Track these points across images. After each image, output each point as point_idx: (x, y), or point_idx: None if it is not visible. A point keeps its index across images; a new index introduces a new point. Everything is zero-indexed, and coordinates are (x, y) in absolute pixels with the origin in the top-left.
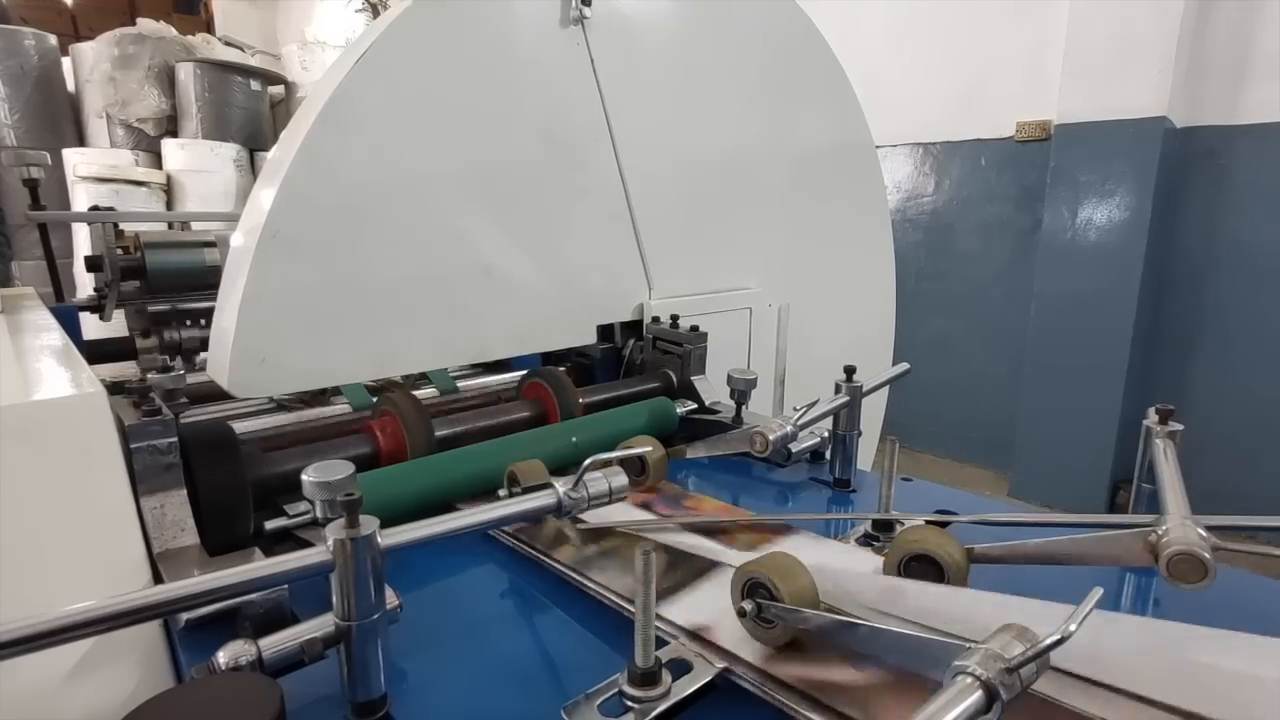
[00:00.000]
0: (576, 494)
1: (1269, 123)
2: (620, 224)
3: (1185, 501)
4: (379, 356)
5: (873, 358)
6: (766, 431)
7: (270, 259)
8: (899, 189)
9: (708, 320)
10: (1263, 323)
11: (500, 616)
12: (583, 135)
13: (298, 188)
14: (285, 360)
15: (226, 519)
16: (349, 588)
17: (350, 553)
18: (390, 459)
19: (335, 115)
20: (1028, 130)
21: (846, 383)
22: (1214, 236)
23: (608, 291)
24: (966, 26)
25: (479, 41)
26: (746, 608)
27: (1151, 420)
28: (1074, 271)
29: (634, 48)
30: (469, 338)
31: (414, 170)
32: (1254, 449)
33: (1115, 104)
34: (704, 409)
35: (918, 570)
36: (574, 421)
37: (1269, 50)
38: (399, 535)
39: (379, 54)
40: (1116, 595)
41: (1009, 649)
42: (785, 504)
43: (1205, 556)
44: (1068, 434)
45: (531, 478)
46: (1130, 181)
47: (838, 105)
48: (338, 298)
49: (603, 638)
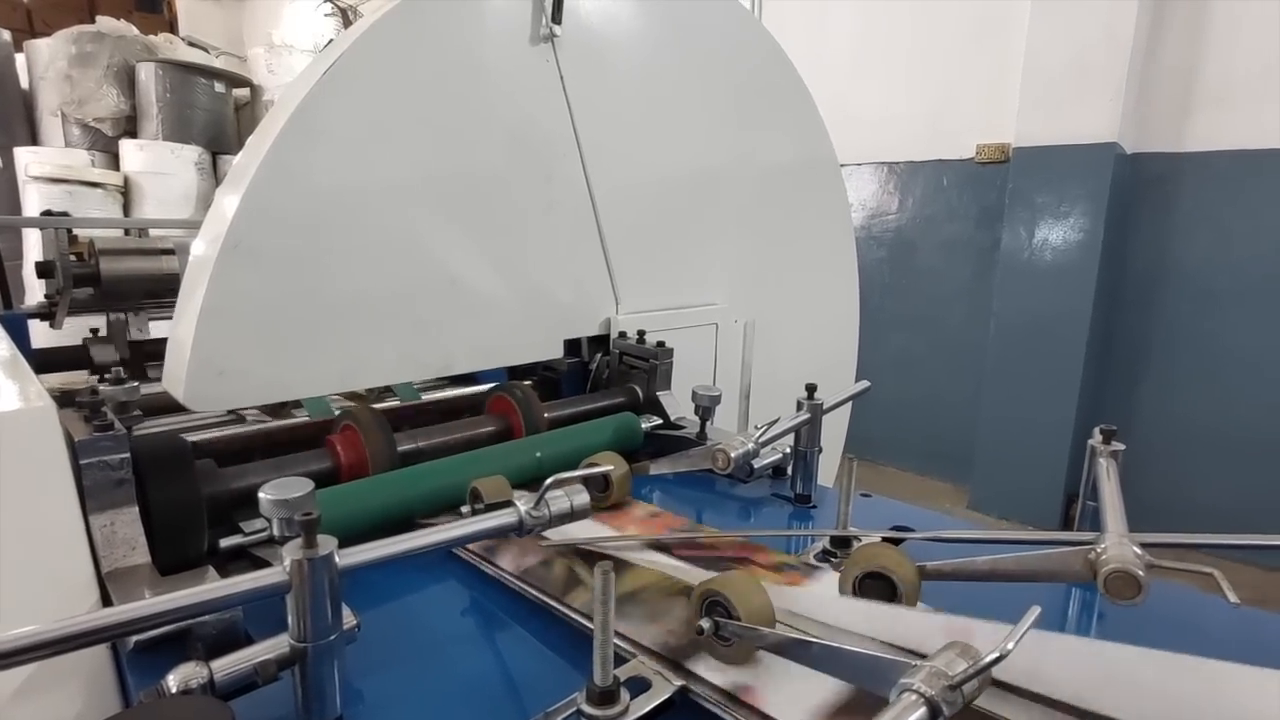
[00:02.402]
0: (538, 512)
1: (1210, 151)
2: (588, 239)
3: (1123, 520)
4: (341, 369)
5: (837, 373)
6: (729, 449)
7: (231, 269)
8: (864, 207)
9: (674, 335)
10: (1206, 342)
11: (460, 635)
12: (551, 150)
13: (261, 198)
14: (244, 373)
15: (179, 537)
16: (305, 609)
17: (307, 573)
18: (351, 474)
19: (302, 125)
20: (987, 152)
21: (808, 400)
22: (1162, 259)
23: (574, 306)
24: (930, 51)
25: (448, 56)
26: (704, 626)
27: (1096, 440)
28: (1030, 290)
29: (603, 65)
30: (433, 351)
31: (380, 183)
32: (1197, 462)
33: (1069, 129)
34: (669, 424)
35: (872, 587)
36: (538, 437)
37: (1211, 83)
38: (357, 555)
39: (348, 65)
40: (1064, 608)
41: (952, 666)
42: (748, 519)
43: (1139, 574)
44: (1024, 448)
45: (494, 494)
46: (1084, 204)
47: (802, 123)
48: (300, 310)
49: (563, 655)
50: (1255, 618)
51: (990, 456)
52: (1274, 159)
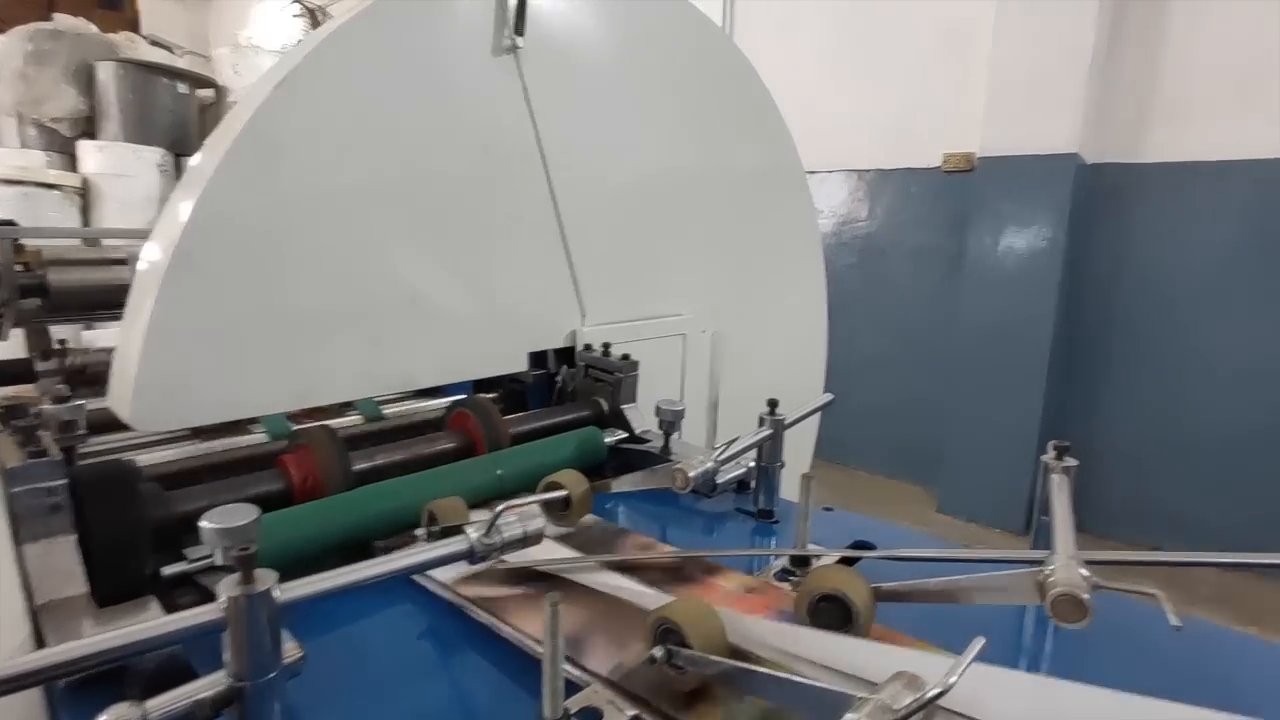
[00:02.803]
0: (490, 540)
1: (1165, 162)
2: (552, 251)
3: (1073, 539)
4: (298, 386)
5: (805, 380)
6: (687, 469)
7: (181, 283)
8: (834, 214)
9: (641, 347)
10: (1164, 346)
11: (412, 662)
12: (515, 162)
13: (215, 207)
14: (194, 391)
15: (120, 566)
16: (242, 646)
17: (244, 610)
18: (305, 495)
19: (259, 133)
20: (954, 161)
21: (769, 416)
22: (1121, 266)
23: (539, 318)
24: (898, 61)
25: (409, 66)
26: (657, 654)
27: (1049, 456)
28: (996, 296)
29: (567, 77)
30: (394, 366)
31: (339, 193)
32: (1157, 462)
33: (1032, 140)
34: (634, 438)
35: (827, 610)
36: (499, 454)
37: (1167, 97)
38: (298, 589)
39: (307, 72)
40: (1018, 624)
41: (898, 699)
42: (710, 535)
43: (1084, 598)
44: (990, 451)
45: (450, 517)
46: (1046, 212)
47: (768, 132)
48: (254, 324)
49: (520, 683)
50: (1203, 630)
51: (957, 460)
52: (1226, 170)
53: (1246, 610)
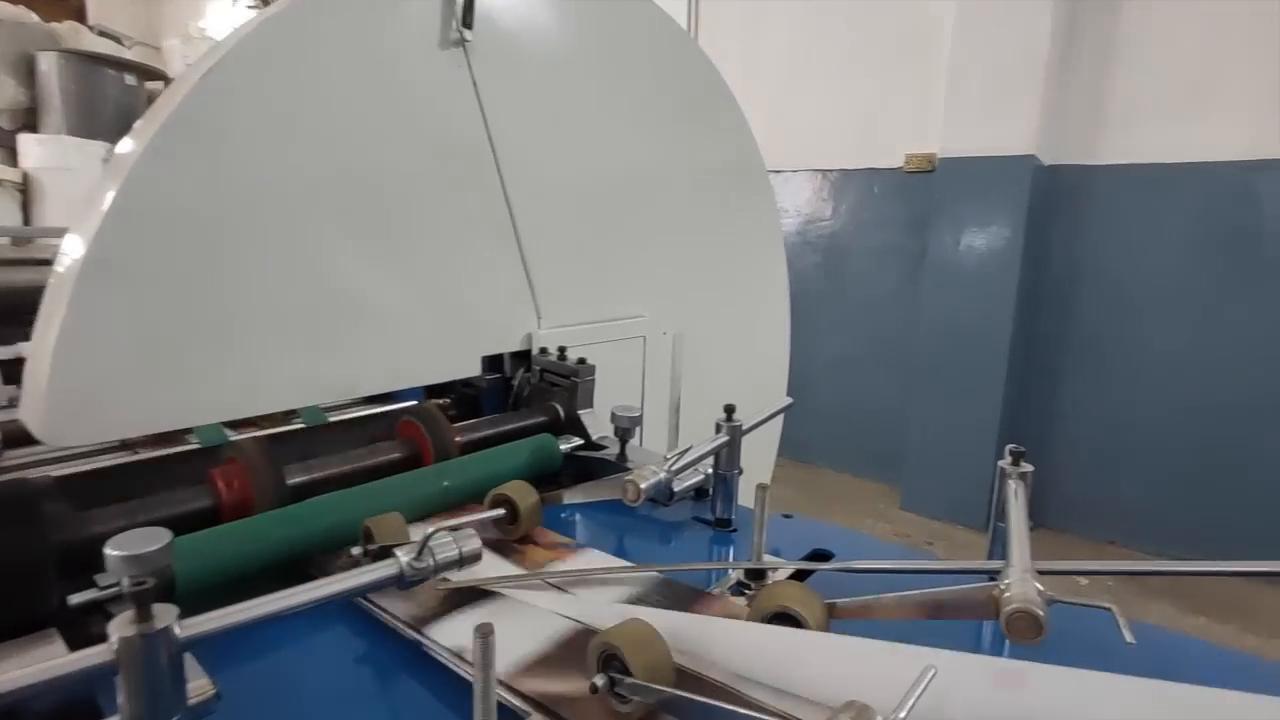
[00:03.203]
0: (421, 563)
1: (1119, 164)
2: (506, 251)
3: (1028, 550)
4: (230, 395)
5: (769, 381)
6: (638, 480)
7: (98, 283)
8: (799, 213)
9: (601, 349)
10: (1120, 345)
11: (346, 692)
12: (465, 159)
13: (134, 206)
14: (114, 402)
15: (18, 598)
16: (137, 691)
17: (139, 651)
18: (234, 512)
19: (186, 122)
20: (915, 161)
21: (726, 422)
22: (1078, 266)
23: (493, 321)
24: (861, 62)
25: (352, 57)
26: (599, 683)
27: (1005, 461)
28: (956, 296)
29: (519, 72)
30: (337, 372)
31: (274, 188)
32: (1113, 458)
33: (991, 141)
34: (590, 444)
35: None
36: (446, 465)
37: (1119, 99)
38: (205, 624)
39: (241, 57)
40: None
41: None
42: (668, 545)
43: (1039, 614)
44: (952, 449)
45: (388, 535)
46: (1005, 213)
47: (729, 131)
48: (180, 330)
49: (460, 712)
50: (1159, 640)
51: (920, 457)
52: (1178, 173)
53: (1194, 600)
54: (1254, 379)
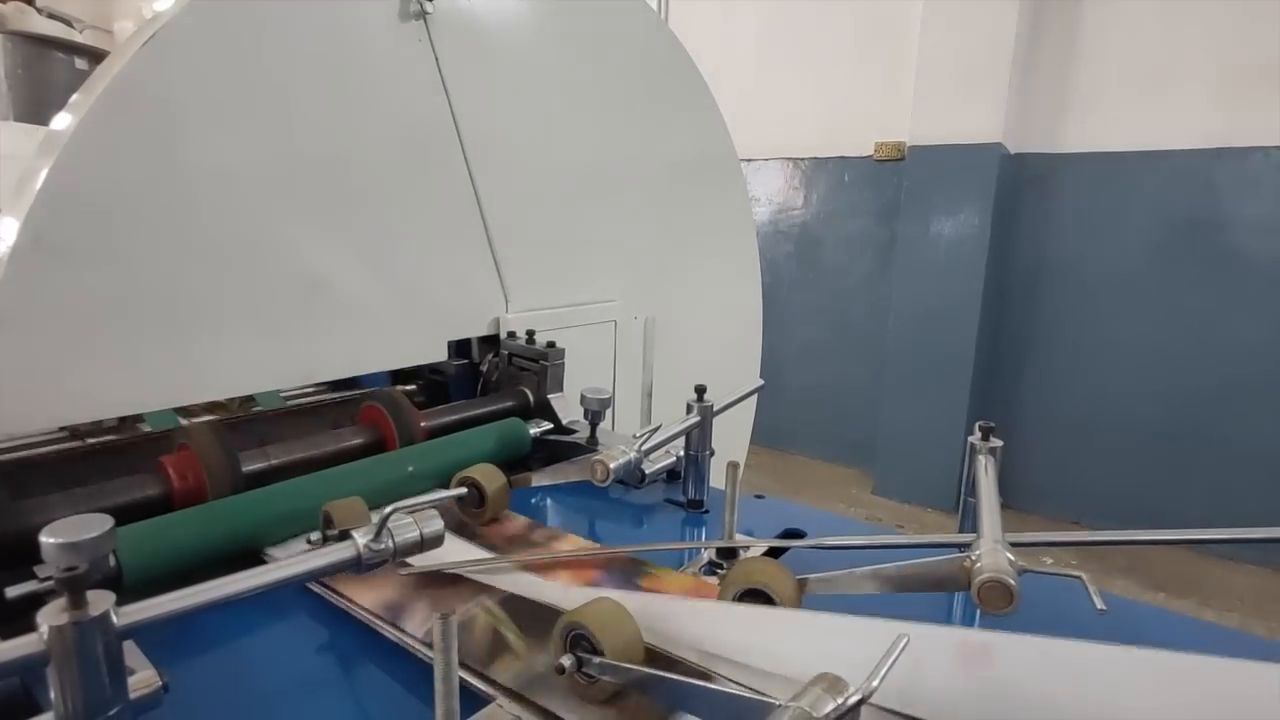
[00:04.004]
0: (379, 545)
1: (1083, 152)
2: (472, 233)
3: (998, 522)
4: (178, 381)
5: (742, 367)
6: (608, 460)
7: (29, 266)
8: (771, 201)
9: (571, 334)
10: (1082, 332)
11: (305, 680)
12: (428, 136)
13: (68, 182)
14: (52, 388)
15: None
16: (71, 683)
17: (72, 640)
18: (186, 500)
19: (123, 95)
20: (885, 150)
21: (697, 403)
22: (1043, 253)
23: (459, 305)
24: (831, 51)
25: (302, 27)
26: (565, 663)
27: (975, 437)
28: (925, 283)
29: (484, 49)
30: (293, 358)
31: (220, 167)
32: (1077, 443)
33: (958, 129)
34: (560, 429)
35: (751, 604)
36: (410, 449)
37: (1083, 88)
38: (145, 611)
39: (181, 28)
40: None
41: (819, 706)
42: (640, 527)
43: (1011, 584)
44: (921, 434)
45: (349, 519)
46: (972, 201)
47: (700, 118)
48: (122, 312)
49: (421, 696)
50: (1126, 609)
51: (891, 443)
52: (1137, 161)
53: (1155, 577)
54: (1214, 364)
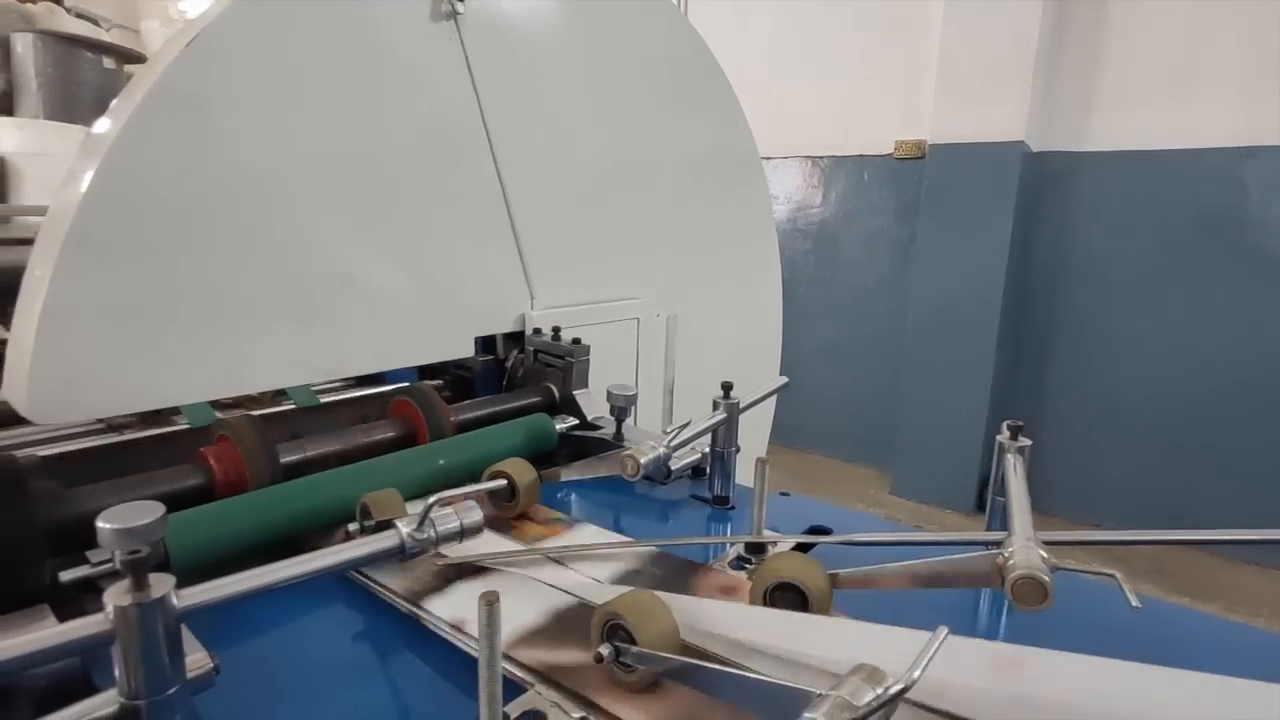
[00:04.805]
0: (421, 534)
1: (1107, 151)
2: (499, 230)
3: (1030, 520)
4: (218, 374)
5: (761, 365)
6: (638, 455)
7: (79, 262)
8: (790, 199)
9: (594, 331)
10: (1106, 330)
11: (345, 666)
12: (457, 135)
13: (115, 181)
14: (100, 381)
15: (9, 572)
16: (135, 662)
17: (135, 621)
18: (227, 490)
19: (168, 95)
20: (905, 148)
21: (724, 400)
22: (1065, 252)
23: (486, 302)
24: (851, 49)
25: (337, 28)
26: (604, 652)
27: (1003, 435)
28: (945, 282)
29: (513, 48)
30: (327, 352)
31: (258, 166)
32: (1099, 443)
33: (980, 128)
34: (586, 424)
35: (783, 599)
36: (441, 443)
37: (1107, 86)
38: (203, 594)
39: (224, 28)
40: (974, 601)
41: (859, 695)
42: (665, 523)
43: (1045, 580)
44: (941, 434)
45: (385, 510)
46: (993, 199)
47: (723, 115)
48: (165, 308)
49: (458, 685)
50: (1158, 610)
51: (909, 442)
52: (1164, 159)
53: (1180, 582)
54: (1239, 364)
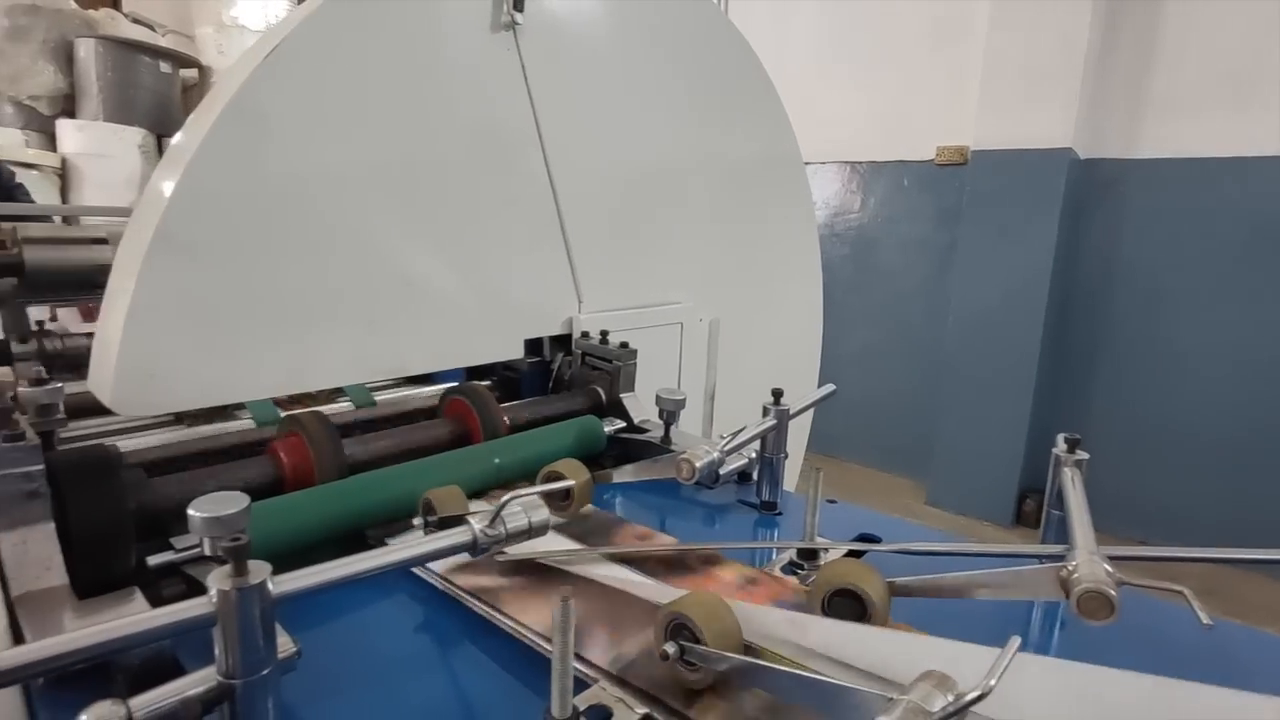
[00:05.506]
0: (494, 531)
1: (1159, 158)
2: (550, 235)
3: (1091, 533)
4: (286, 371)
5: (800, 371)
6: (694, 459)
7: (163, 263)
8: (827, 205)
9: (638, 335)
10: (1155, 342)
11: (411, 656)
12: (512, 142)
13: (198, 186)
14: (178, 375)
15: (101, 556)
16: (234, 643)
17: (235, 604)
18: (296, 483)
19: (244, 108)
20: (947, 154)
21: (774, 406)
22: (1113, 261)
23: (536, 304)
24: (892, 54)
25: (402, 40)
26: (669, 650)
27: (1060, 448)
28: (987, 290)
29: (566, 56)
30: (387, 351)
31: (328, 172)
32: (1148, 459)
33: (1026, 134)
34: (633, 427)
35: (841, 605)
36: (497, 442)
37: (1160, 92)
38: (294, 582)
39: (295, 46)
40: (1026, 617)
41: (931, 701)
42: (713, 526)
43: (1112, 594)
44: (980, 445)
45: (449, 506)
46: (1038, 207)
47: (768, 121)
48: (240, 307)
49: (520, 678)
50: (1224, 630)
51: (947, 452)
52: (1218, 167)
53: (1232, 603)
54: None
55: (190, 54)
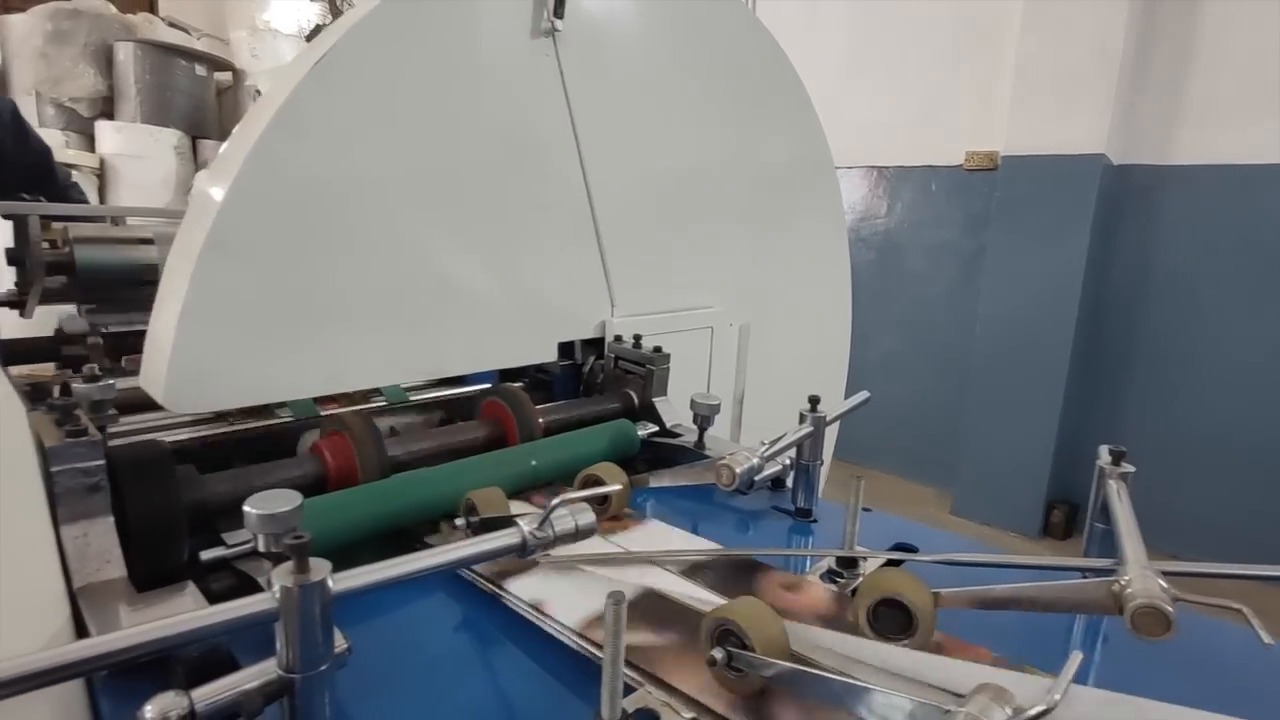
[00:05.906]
0: (542, 533)
1: (1196, 164)
2: (584, 239)
3: (1142, 548)
4: (328, 371)
5: (828, 377)
6: (734, 465)
7: (215, 266)
8: (853, 209)
9: (670, 339)
10: (1189, 351)
11: (455, 656)
12: (549, 147)
13: (248, 192)
14: (227, 373)
15: (159, 549)
16: (295, 638)
17: (298, 601)
18: (339, 482)
19: (291, 118)
20: (976, 160)
21: (811, 413)
22: (1146, 268)
23: (570, 308)
24: (921, 58)
25: (444, 48)
26: (716, 656)
27: (1104, 460)
28: (1016, 297)
29: (604, 62)
30: (425, 353)
31: (372, 178)
32: (1180, 471)
33: (1058, 140)
34: (665, 431)
35: (886, 615)
36: (534, 444)
37: (1197, 98)
38: (352, 580)
39: (340, 57)
40: (1066, 634)
41: (988, 713)
42: (747, 532)
43: (1168, 610)
44: (1007, 454)
45: (490, 507)
46: (1070, 213)
47: (800, 125)
48: (286, 308)
49: (562, 680)
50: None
51: (973, 462)
52: (1258, 174)
53: (1276, 620)
54: None
55: (224, 57)
